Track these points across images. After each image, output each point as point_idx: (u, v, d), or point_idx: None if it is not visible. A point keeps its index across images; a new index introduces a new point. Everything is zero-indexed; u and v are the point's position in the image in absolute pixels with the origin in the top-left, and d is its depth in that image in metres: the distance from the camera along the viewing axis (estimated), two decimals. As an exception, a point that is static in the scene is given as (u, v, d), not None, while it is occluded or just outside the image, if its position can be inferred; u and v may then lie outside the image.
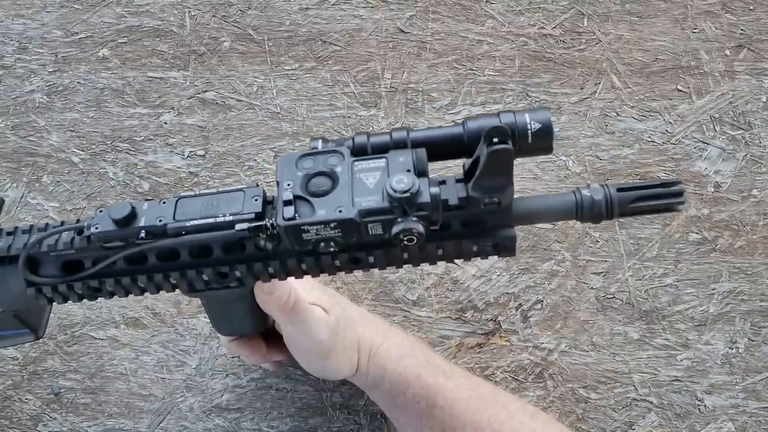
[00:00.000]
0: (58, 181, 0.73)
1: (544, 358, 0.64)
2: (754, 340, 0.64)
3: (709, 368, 0.63)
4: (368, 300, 0.67)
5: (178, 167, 0.73)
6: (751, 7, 0.76)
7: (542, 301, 0.66)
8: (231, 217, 0.39)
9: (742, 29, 0.75)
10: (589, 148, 0.71)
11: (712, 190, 0.69)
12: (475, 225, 0.39)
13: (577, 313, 0.65)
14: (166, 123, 0.75)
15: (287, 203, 0.37)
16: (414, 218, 0.36)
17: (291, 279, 0.44)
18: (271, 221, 0.38)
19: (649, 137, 0.71)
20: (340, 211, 0.36)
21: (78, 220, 0.43)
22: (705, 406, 0.62)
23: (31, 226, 0.43)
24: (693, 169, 0.70)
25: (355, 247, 0.40)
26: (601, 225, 0.68)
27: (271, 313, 0.48)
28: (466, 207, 0.38)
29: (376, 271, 0.67)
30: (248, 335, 0.53)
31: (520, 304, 0.66)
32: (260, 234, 0.38)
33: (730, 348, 0.64)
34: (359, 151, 0.39)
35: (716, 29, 0.76)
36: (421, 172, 0.37)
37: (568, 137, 0.72)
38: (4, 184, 0.74)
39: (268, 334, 0.55)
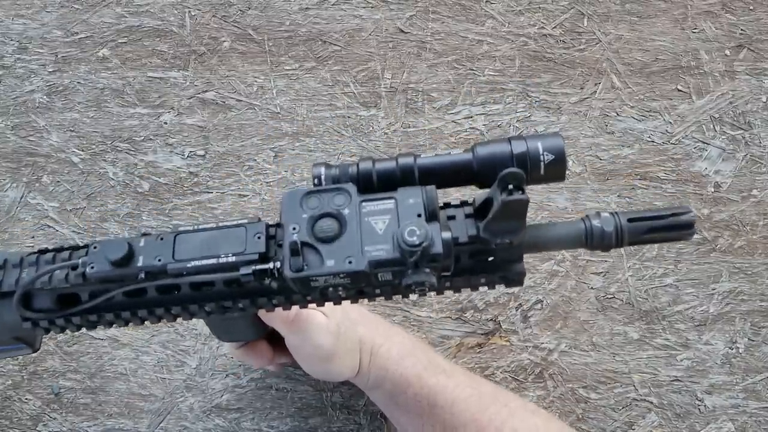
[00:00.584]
0: (58, 181, 0.73)
1: (544, 358, 0.64)
2: (754, 340, 0.64)
3: (709, 368, 0.63)
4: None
5: (178, 167, 0.73)
6: (751, 7, 0.76)
7: (542, 301, 0.66)
8: (234, 258, 0.37)
9: (742, 29, 0.75)
10: (589, 148, 0.71)
11: (712, 190, 0.69)
12: (485, 256, 0.38)
13: (577, 313, 0.65)
14: (166, 123, 0.75)
15: (294, 253, 0.35)
16: (426, 270, 0.35)
17: None
18: (276, 265, 0.36)
19: (649, 137, 0.71)
20: (350, 262, 0.35)
21: (71, 251, 0.41)
22: (705, 406, 0.62)
23: (22, 259, 0.41)
24: (693, 169, 0.70)
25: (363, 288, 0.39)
26: (601, 225, 0.68)
27: (273, 325, 0.48)
28: (475, 243, 0.37)
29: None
30: (251, 340, 0.54)
31: (520, 304, 0.66)
32: (265, 277, 0.37)
33: (730, 348, 0.64)
34: (365, 181, 0.38)
35: (716, 29, 0.76)
36: (431, 214, 0.36)
37: (568, 137, 0.72)
38: (4, 184, 0.74)
39: (270, 337, 0.55)
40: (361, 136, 0.73)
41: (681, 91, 0.73)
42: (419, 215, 0.35)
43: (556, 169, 0.36)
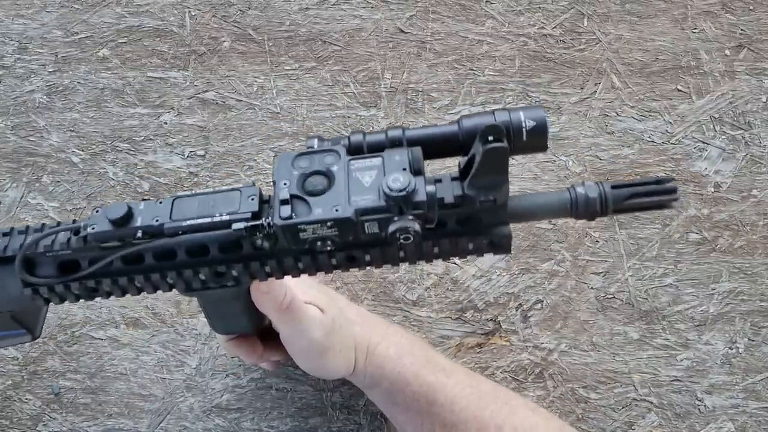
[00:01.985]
0: (58, 181, 0.74)
1: (544, 358, 0.64)
2: (754, 340, 0.64)
3: (709, 368, 0.63)
4: (368, 300, 0.67)
5: (178, 167, 0.73)
6: (751, 7, 0.76)
7: (542, 301, 0.66)
8: (228, 217, 0.39)
9: (742, 29, 0.75)
10: (589, 148, 0.71)
11: (712, 190, 0.69)
12: (471, 222, 0.40)
13: (577, 313, 0.65)
14: (166, 123, 0.75)
15: (284, 202, 0.37)
16: (410, 217, 0.36)
17: (287, 278, 0.44)
18: (267, 220, 0.38)
19: (649, 137, 0.71)
20: (336, 210, 0.37)
21: (74, 221, 0.43)
22: (705, 406, 0.62)
23: (27, 227, 0.43)
24: (693, 169, 0.70)
25: (351, 245, 0.40)
26: (601, 225, 0.68)
27: (266, 312, 0.48)
28: (461, 205, 0.38)
29: (375, 271, 0.68)
30: (245, 334, 0.53)
31: (520, 304, 0.66)
32: (257, 233, 0.38)
33: (730, 348, 0.64)
34: (355, 150, 0.39)
35: (716, 29, 0.76)
36: (417, 171, 0.37)
37: (568, 137, 0.72)
38: (4, 184, 0.74)
39: (265, 334, 0.55)
40: (361, 136, 0.73)
41: (681, 91, 0.73)
42: (404, 169, 0.37)
43: (538, 138, 0.38)
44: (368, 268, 0.42)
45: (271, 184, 0.39)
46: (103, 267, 0.41)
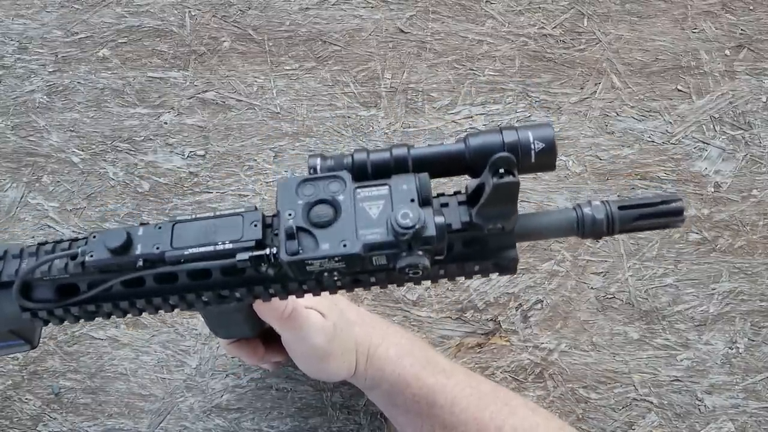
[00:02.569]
0: (58, 181, 0.74)
1: (544, 358, 0.64)
2: (754, 340, 0.64)
3: (709, 368, 0.63)
4: (368, 300, 0.67)
5: (178, 167, 0.73)
6: (751, 7, 0.76)
7: (542, 301, 0.66)
8: (231, 245, 0.38)
9: (742, 29, 0.75)
10: (589, 148, 0.71)
11: (712, 190, 0.69)
12: (478, 245, 0.39)
13: (577, 313, 0.65)
14: (166, 123, 0.75)
15: (290, 237, 0.36)
16: (420, 252, 0.35)
17: None
18: (272, 251, 0.37)
19: (649, 137, 0.71)
20: (344, 246, 0.36)
21: (71, 242, 0.41)
22: (705, 406, 0.62)
23: (22, 250, 0.42)
24: (693, 169, 0.70)
25: (358, 272, 0.39)
26: (601, 225, 0.68)
27: (268, 321, 0.48)
28: (468, 229, 0.38)
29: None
30: (246, 338, 0.54)
31: (520, 304, 0.66)
32: (261, 264, 0.37)
33: (730, 348, 0.64)
34: (359, 171, 0.38)
35: (716, 29, 0.76)
36: (425, 200, 0.36)
37: (568, 137, 0.72)
38: (4, 184, 0.74)
39: (266, 336, 0.55)
40: (361, 136, 0.73)
41: (681, 91, 0.73)
42: (412, 200, 0.36)
43: (546, 158, 0.37)
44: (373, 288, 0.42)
45: (273, 184, 0.39)
46: (104, 291, 0.40)
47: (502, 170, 0.34)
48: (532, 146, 0.37)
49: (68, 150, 0.75)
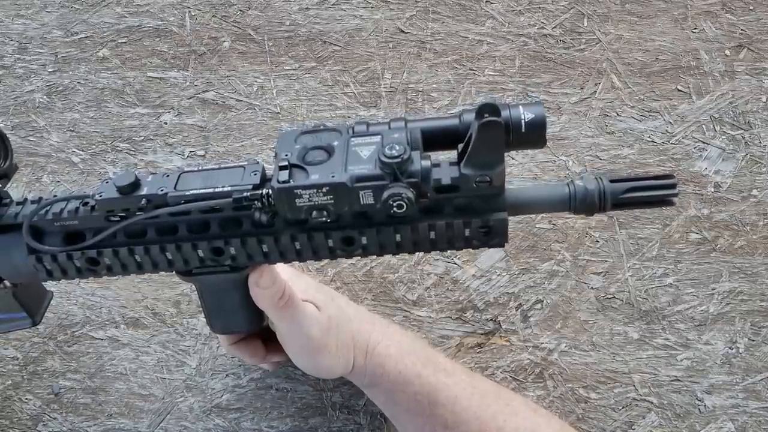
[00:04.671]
0: (58, 181, 0.74)
1: (544, 358, 0.64)
2: (754, 340, 0.64)
3: (709, 368, 0.63)
4: (368, 300, 0.67)
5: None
6: (751, 7, 0.76)
7: (542, 301, 0.66)
8: (229, 188, 0.40)
9: (742, 29, 0.75)
10: (589, 148, 0.71)
11: (712, 190, 0.69)
12: (468, 210, 0.40)
13: (577, 313, 0.65)
14: (166, 123, 0.75)
15: (283, 168, 0.38)
16: (404, 184, 0.37)
17: (285, 274, 0.44)
18: (267, 191, 0.39)
19: (649, 137, 0.71)
20: (332, 176, 0.37)
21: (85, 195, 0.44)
22: (705, 406, 0.62)
23: (40, 198, 0.45)
24: (693, 169, 0.70)
25: (347, 224, 0.41)
26: (601, 225, 0.68)
27: (263, 307, 0.48)
28: (458, 186, 0.39)
29: (376, 270, 0.67)
30: (243, 333, 0.53)
31: (520, 304, 0.66)
32: (255, 202, 0.39)
33: (730, 348, 0.64)
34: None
35: (716, 29, 0.76)
36: (414, 146, 0.39)
37: (568, 137, 0.72)
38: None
39: (266, 335, 0.55)
40: (361, 136, 0.73)
41: (681, 91, 0.73)
42: (400, 144, 0.38)
43: (537, 132, 0.38)
44: (367, 258, 0.43)
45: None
46: (106, 238, 0.42)
47: (487, 114, 0.36)
48: (522, 117, 0.38)
49: (68, 150, 0.75)
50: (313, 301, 0.52)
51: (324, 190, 0.38)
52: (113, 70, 0.78)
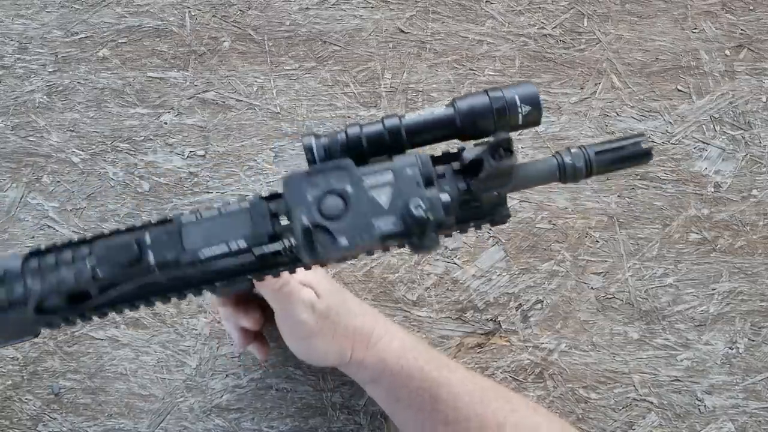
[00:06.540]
0: (58, 181, 0.74)
1: (544, 358, 0.64)
2: (754, 340, 0.64)
3: (709, 368, 0.63)
4: (368, 300, 0.67)
5: (178, 167, 0.73)
6: (751, 7, 0.76)
7: (542, 301, 0.66)
8: (245, 243, 0.39)
9: (742, 29, 0.75)
10: (589, 148, 0.71)
11: (712, 190, 0.69)
12: (473, 207, 0.41)
13: (577, 313, 0.65)
14: (166, 123, 0.75)
15: (307, 237, 0.37)
16: (433, 235, 0.37)
17: None
18: (287, 244, 0.38)
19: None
20: (361, 239, 0.37)
21: (72, 250, 0.41)
22: (705, 406, 0.62)
23: (23, 267, 0.40)
24: (693, 169, 0.70)
25: None
26: (601, 225, 0.68)
27: (261, 292, 0.49)
28: (469, 201, 0.40)
29: (376, 271, 0.68)
30: (244, 289, 0.53)
31: (520, 304, 0.66)
32: (279, 256, 0.38)
33: (730, 348, 0.64)
34: (355, 145, 0.39)
35: (716, 29, 0.76)
36: (428, 181, 0.38)
37: (568, 137, 0.72)
38: (4, 184, 0.74)
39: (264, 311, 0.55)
40: (361, 136, 0.73)
41: (681, 91, 0.73)
42: (418, 184, 0.38)
43: (533, 117, 0.39)
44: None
45: (274, 185, 0.39)
46: (119, 294, 0.40)
47: (502, 150, 0.37)
48: (520, 110, 0.39)
49: (68, 150, 0.75)
50: (315, 287, 0.52)
51: (352, 251, 0.37)
52: (113, 70, 0.78)
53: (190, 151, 0.74)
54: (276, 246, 0.38)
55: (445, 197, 0.38)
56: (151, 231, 0.39)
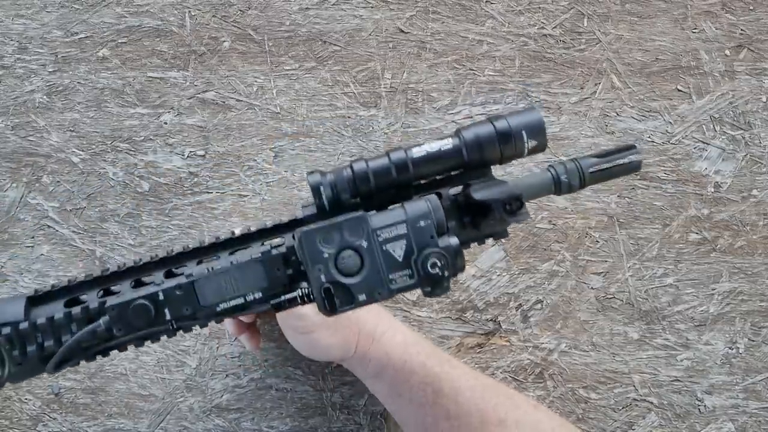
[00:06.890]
0: (58, 181, 0.73)
1: (544, 358, 0.64)
2: (754, 340, 0.64)
3: (709, 368, 0.63)
4: (368, 300, 0.67)
5: (178, 167, 0.73)
6: (751, 7, 0.76)
7: (542, 301, 0.66)
8: (261, 295, 0.39)
9: (742, 29, 0.75)
10: (589, 148, 0.71)
11: (712, 190, 0.69)
12: (473, 227, 0.42)
13: (577, 313, 0.65)
14: (166, 123, 0.75)
15: (327, 295, 0.38)
16: (446, 284, 0.38)
17: None
18: (303, 291, 0.39)
19: (649, 137, 0.71)
20: (379, 293, 0.38)
21: (83, 310, 0.40)
22: (705, 406, 0.62)
23: (35, 325, 0.40)
24: (693, 169, 0.70)
25: None
26: (601, 225, 0.68)
27: None
28: (468, 228, 0.42)
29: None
30: None
31: (520, 304, 0.66)
32: (297, 302, 0.40)
33: (730, 348, 0.64)
34: (361, 181, 0.39)
35: (716, 29, 0.76)
36: (440, 226, 0.39)
37: (568, 137, 0.72)
38: (4, 184, 0.74)
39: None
40: (361, 137, 0.73)
41: (681, 91, 0.73)
42: (432, 237, 0.38)
43: (537, 148, 0.40)
44: None
45: (274, 186, 0.40)
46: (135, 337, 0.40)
47: (514, 207, 0.39)
48: (526, 145, 0.40)
49: (68, 150, 0.75)
50: None
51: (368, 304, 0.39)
52: (113, 70, 0.78)
53: (190, 151, 0.74)
54: (292, 294, 0.39)
55: (454, 241, 0.38)
56: (165, 288, 0.39)
